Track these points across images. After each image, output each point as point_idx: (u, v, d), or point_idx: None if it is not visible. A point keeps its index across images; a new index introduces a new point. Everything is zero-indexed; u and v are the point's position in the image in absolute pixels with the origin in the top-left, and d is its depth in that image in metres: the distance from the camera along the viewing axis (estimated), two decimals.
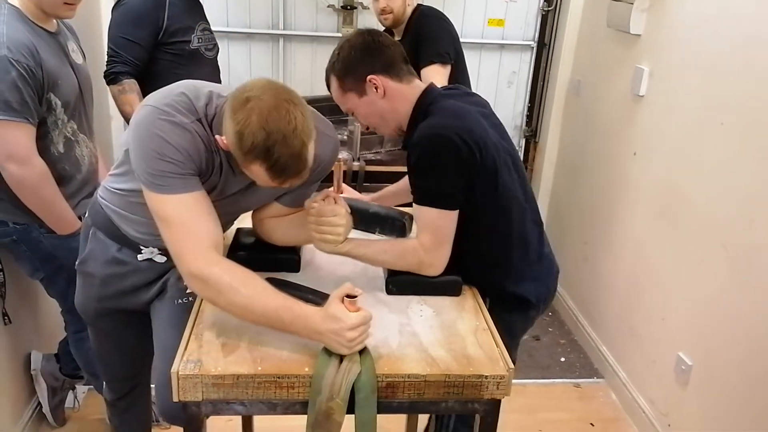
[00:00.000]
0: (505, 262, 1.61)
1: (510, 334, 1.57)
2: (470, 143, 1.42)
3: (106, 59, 2.33)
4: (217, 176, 1.39)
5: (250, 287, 1.25)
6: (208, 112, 1.33)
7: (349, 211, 1.51)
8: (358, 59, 1.51)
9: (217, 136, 1.29)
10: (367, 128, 1.65)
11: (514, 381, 1.28)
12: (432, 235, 1.48)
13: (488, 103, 1.69)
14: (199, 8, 2.50)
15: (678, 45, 2.36)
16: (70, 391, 2.37)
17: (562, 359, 2.99)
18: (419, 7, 2.74)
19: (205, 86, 1.38)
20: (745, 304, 1.96)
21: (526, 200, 1.61)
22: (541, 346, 3.06)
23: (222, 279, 1.25)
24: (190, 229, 1.29)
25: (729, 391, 2.03)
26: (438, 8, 2.85)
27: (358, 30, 1.59)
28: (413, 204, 1.51)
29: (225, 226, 1.59)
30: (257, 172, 1.25)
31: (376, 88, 1.51)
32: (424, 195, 1.47)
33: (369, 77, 1.50)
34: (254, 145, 1.20)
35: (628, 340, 2.66)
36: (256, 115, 1.20)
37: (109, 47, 2.31)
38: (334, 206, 1.48)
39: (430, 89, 1.56)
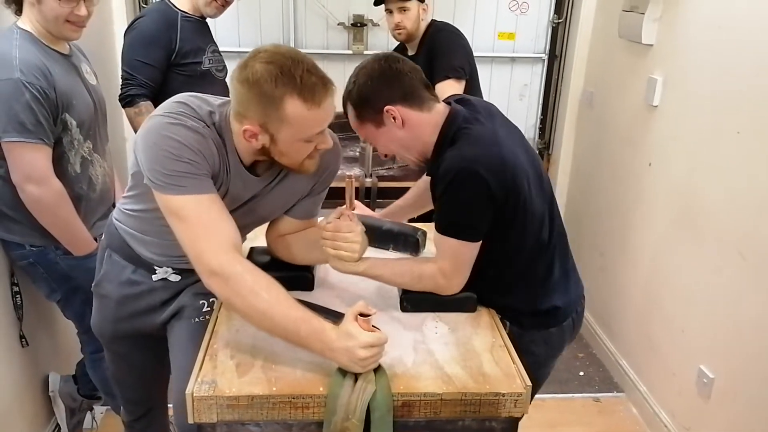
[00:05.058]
0: (529, 283, 1.57)
1: (534, 358, 1.53)
2: (500, 174, 1.38)
3: (120, 83, 2.36)
4: (229, 181, 1.40)
5: (273, 293, 1.24)
6: (214, 119, 1.35)
7: (364, 230, 1.50)
8: (374, 89, 1.44)
9: (245, 127, 1.29)
10: (386, 156, 1.63)
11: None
12: (452, 263, 1.46)
13: (499, 110, 1.62)
14: (208, 31, 2.53)
15: (691, 54, 2.34)
16: (88, 411, 2.38)
17: (581, 373, 2.96)
18: (433, 23, 2.74)
19: (203, 96, 1.40)
20: (766, 314, 1.93)
21: (551, 217, 1.56)
22: (559, 360, 2.99)
23: (244, 279, 1.24)
24: (210, 227, 1.28)
25: (753, 404, 1.99)
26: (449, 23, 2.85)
27: (374, 57, 1.50)
28: (435, 231, 1.48)
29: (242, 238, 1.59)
30: (294, 111, 1.26)
31: (394, 119, 1.45)
32: (447, 226, 1.44)
33: (386, 108, 1.44)
34: (274, 80, 1.23)
35: (648, 352, 2.62)
36: (258, 62, 1.25)
37: (123, 70, 2.34)
38: (350, 223, 1.48)
39: (455, 114, 1.48)
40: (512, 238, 1.49)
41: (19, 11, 1.79)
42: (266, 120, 1.28)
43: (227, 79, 2.58)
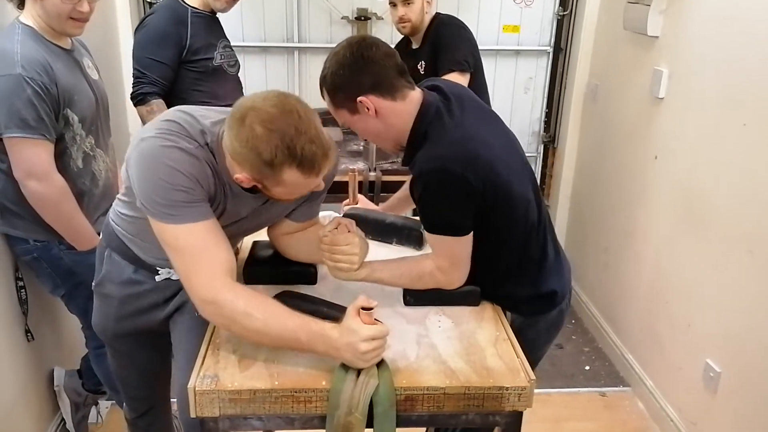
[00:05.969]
0: (527, 266, 1.57)
1: (532, 344, 1.54)
2: (477, 169, 1.36)
3: (130, 80, 2.36)
4: (226, 200, 1.38)
5: (267, 311, 1.24)
6: (207, 140, 1.32)
7: (363, 236, 1.50)
8: (346, 78, 1.40)
9: (236, 176, 1.27)
10: (365, 140, 1.62)
11: (537, 390, 1.26)
12: (448, 259, 1.46)
13: (470, 93, 1.60)
14: (219, 26, 2.52)
15: (697, 45, 2.32)
16: (93, 406, 2.38)
17: (587, 367, 2.95)
18: (438, 16, 2.73)
19: (194, 113, 1.36)
20: None
21: (537, 200, 1.55)
22: (564, 355, 3.02)
23: (236, 305, 1.24)
24: (201, 257, 1.27)
25: (760, 398, 1.97)
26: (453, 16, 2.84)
27: (346, 42, 1.44)
28: (424, 231, 1.48)
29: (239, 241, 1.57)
30: (291, 179, 1.24)
31: (367, 109, 1.42)
32: (435, 225, 1.44)
33: (359, 99, 1.41)
34: (275, 151, 1.19)
35: (654, 347, 2.61)
36: (257, 124, 1.19)
37: (134, 68, 2.34)
38: (347, 235, 1.47)
39: (427, 106, 1.44)
40: (501, 226, 1.48)
41: (21, 5, 1.79)
42: (261, 177, 1.26)
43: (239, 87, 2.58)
